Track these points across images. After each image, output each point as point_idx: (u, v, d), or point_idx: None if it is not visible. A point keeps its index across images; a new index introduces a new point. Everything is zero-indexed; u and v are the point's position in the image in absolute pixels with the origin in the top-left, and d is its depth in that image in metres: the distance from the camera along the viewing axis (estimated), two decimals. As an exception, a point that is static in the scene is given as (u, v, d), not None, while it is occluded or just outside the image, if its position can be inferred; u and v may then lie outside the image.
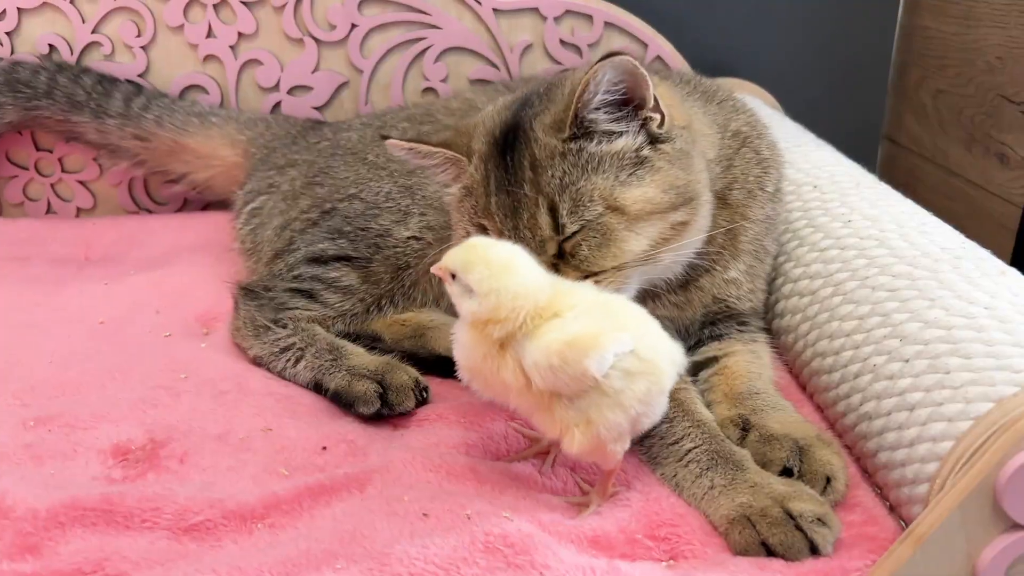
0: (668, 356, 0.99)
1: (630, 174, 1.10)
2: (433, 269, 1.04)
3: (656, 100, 1.12)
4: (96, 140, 1.79)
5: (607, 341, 0.94)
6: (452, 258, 1.01)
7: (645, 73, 1.08)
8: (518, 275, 0.99)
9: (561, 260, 1.10)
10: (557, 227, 1.09)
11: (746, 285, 1.28)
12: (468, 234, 1.14)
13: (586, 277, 1.09)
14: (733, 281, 1.26)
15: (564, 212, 1.08)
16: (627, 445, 1.00)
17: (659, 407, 1.00)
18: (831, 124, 1.92)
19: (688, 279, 1.22)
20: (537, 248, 1.08)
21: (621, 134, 1.11)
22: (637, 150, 1.11)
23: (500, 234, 1.10)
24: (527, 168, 1.10)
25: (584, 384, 0.94)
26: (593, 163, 1.10)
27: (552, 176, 1.09)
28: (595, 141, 1.10)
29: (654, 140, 1.12)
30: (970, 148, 1.96)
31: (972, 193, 1.96)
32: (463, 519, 0.97)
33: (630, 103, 1.11)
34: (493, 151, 1.14)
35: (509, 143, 1.12)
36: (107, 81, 1.78)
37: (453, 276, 1.01)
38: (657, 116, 1.12)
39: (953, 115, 2.02)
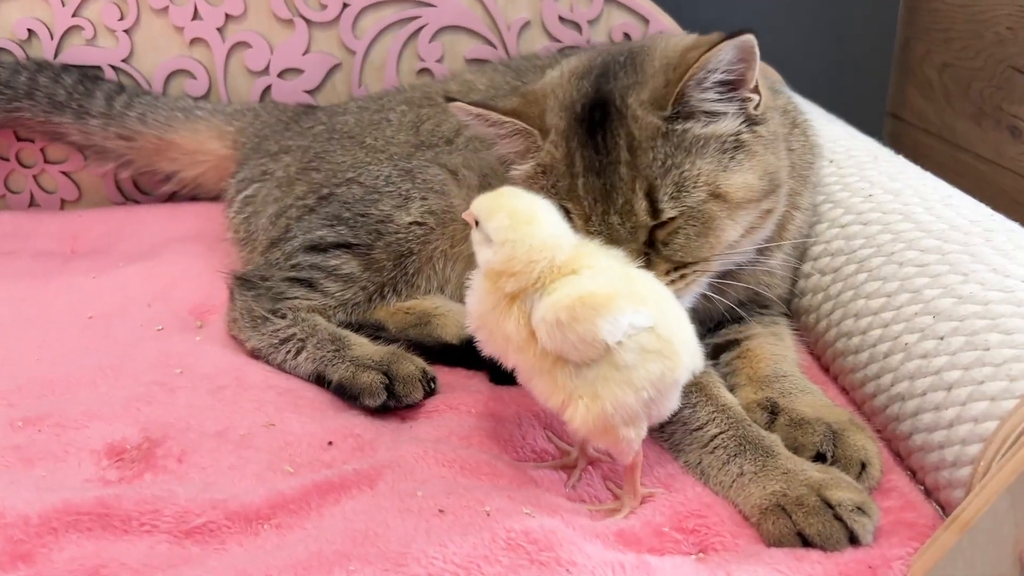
0: (688, 347, 0.94)
1: (731, 158, 1.06)
2: (464, 214, 1.01)
3: (756, 80, 1.07)
4: (80, 141, 1.72)
5: (624, 305, 0.89)
6: (479, 204, 0.98)
7: (758, 52, 1.04)
8: (538, 228, 0.95)
9: (652, 249, 1.05)
10: (654, 212, 1.03)
11: (780, 274, 1.23)
12: None
13: (675, 268, 1.04)
14: (770, 271, 1.21)
15: (664, 197, 1.03)
16: (642, 433, 0.94)
17: (672, 399, 0.95)
18: (835, 100, 1.87)
19: (728, 270, 1.15)
20: (627, 235, 1.04)
21: (724, 115, 1.07)
22: (737, 133, 1.07)
23: (587, 219, 1.05)
24: (623, 149, 1.04)
25: (593, 349, 0.89)
26: (698, 145, 1.05)
27: (653, 158, 1.04)
28: (700, 122, 1.05)
29: (751, 122, 1.08)
30: (979, 122, 1.92)
31: (982, 168, 1.91)
32: (482, 515, 0.92)
33: (736, 88, 1.06)
34: (577, 128, 1.07)
35: (597, 120, 1.06)
36: (89, 80, 1.70)
37: (477, 223, 0.98)
38: (756, 97, 1.08)
39: (960, 89, 1.98)
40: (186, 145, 1.69)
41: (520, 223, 0.94)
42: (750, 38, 1.02)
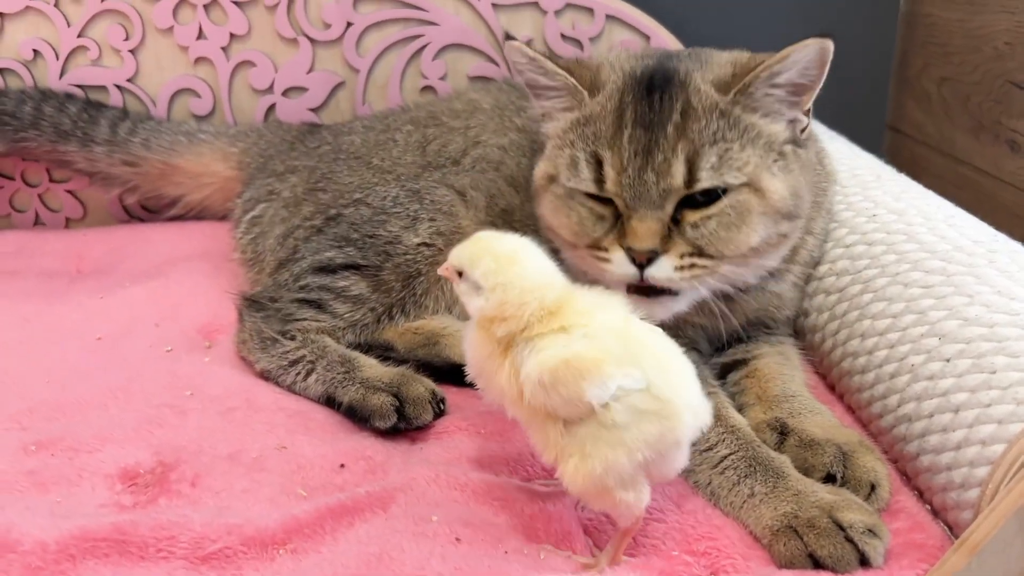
0: (691, 406, 0.89)
1: (774, 162, 1.07)
2: (440, 270, 0.99)
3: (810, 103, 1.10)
4: (86, 168, 1.73)
5: (612, 370, 0.86)
6: (458, 254, 0.96)
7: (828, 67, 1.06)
8: (524, 268, 0.93)
9: (676, 227, 1.05)
10: (690, 179, 1.04)
11: (788, 296, 1.24)
12: (572, 160, 1.10)
13: (691, 255, 1.05)
14: (779, 294, 1.23)
15: (706, 165, 1.04)
16: (644, 499, 0.89)
17: (677, 459, 0.90)
18: (834, 114, 1.88)
19: (738, 289, 1.16)
20: (657, 197, 1.04)
21: (780, 119, 1.08)
22: (783, 143, 1.08)
23: (622, 170, 1.05)
24: (676, 111, 1.06)
25: (579, 409, 0.87)
26: (751, 134, 1.06)
27: (705, 126, 1.05)
28: (757, 114, 1.07)
29: (795, 142, 1.10)
30: (978, 136, 1.94)
31: (981, 181, 1.93)
32: (501, 554, 0.93)
33: (800, 95, 1.08)
34: (635, 86, 1.10)
35: (657, 83, 1.09)
36: (93, 108, 1.71)
37: (460, 275, 0.96)
38: (805, 120, 1.10)
39: (959, 102, 1.99)
40: (191, 169, 1.70)
41: (506, 264, 0.93)
42: (830, 44, 1.04)
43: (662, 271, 1.05)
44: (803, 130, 1.11)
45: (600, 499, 0.90)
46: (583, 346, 0.88)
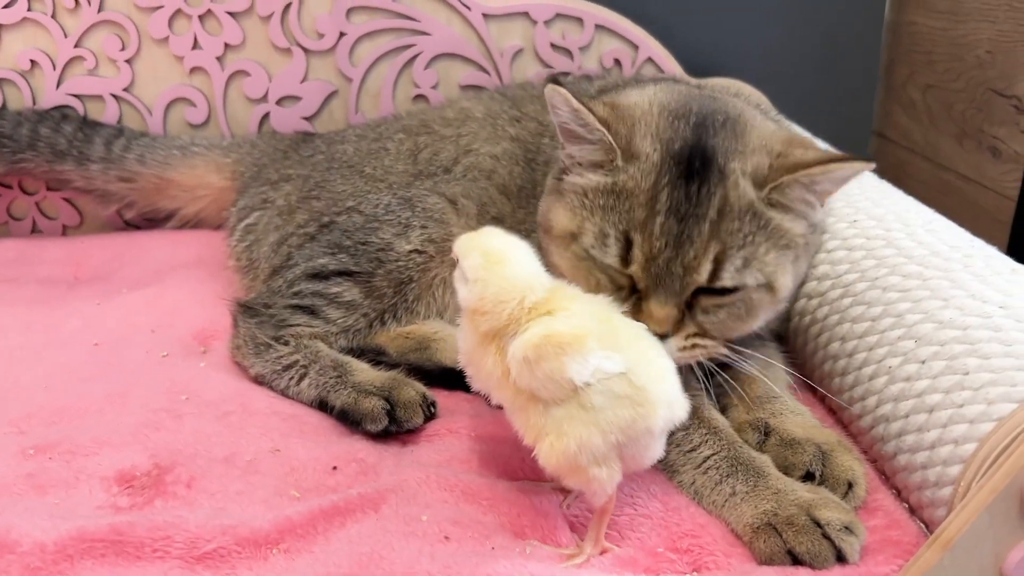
0: (666, 398, 0.93)
1: (787, 257, 1.08)
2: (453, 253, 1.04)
3: None
4: (83, 186, 1.75)
5: (593, 346, 0.90)
6: (458, 242, 1.02)
7: None
8: (509, 268, 0.97)
9: (687, 311, 1.07)
10: (713, 276, 1.05)
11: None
12: (601, 233, 1.08)
13: (697, 335, 1.07)
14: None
15: (731, 267, 1.05)
16: (616, 476, 0.93)
17: (650, 447, 0.94)
18: (821, 121, 1.91)
19: None
20: (679, 287, 1.05)
21: (803, 219, 1.10)
22: (800, 238, 1.09)
23: (650, 257, 1.05)
24: (714, 208, 1.05)
25: (561, 388, 0.90)
26: (776, 235, 1.07)
27: (738, 228, 1.05)
28: (785, 215, 1.08)
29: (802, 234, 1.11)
30: (961, 142, 1.97)
31: (964, 187, 1.96)
32: (488, 550, 0.95)
33: (825, 197, 1.10)
34: (673, 168, 1.07)
35: (696, 169, 1.06)
36: (88, 127, 1.74)
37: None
38: (821, 210, 1.12)
39: (943, 110, 2.03)
40: (185, 182, 1.73)
41: (491, 263, 0.96)
42: (871, 167, 1.05)
43: (669, 351, 1.04)
44: (814, 220, 1.13)
45: (574, 475, 0.93)
46: (566, 324, 0.92)
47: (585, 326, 0.92)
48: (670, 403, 0.93)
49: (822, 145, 1.63)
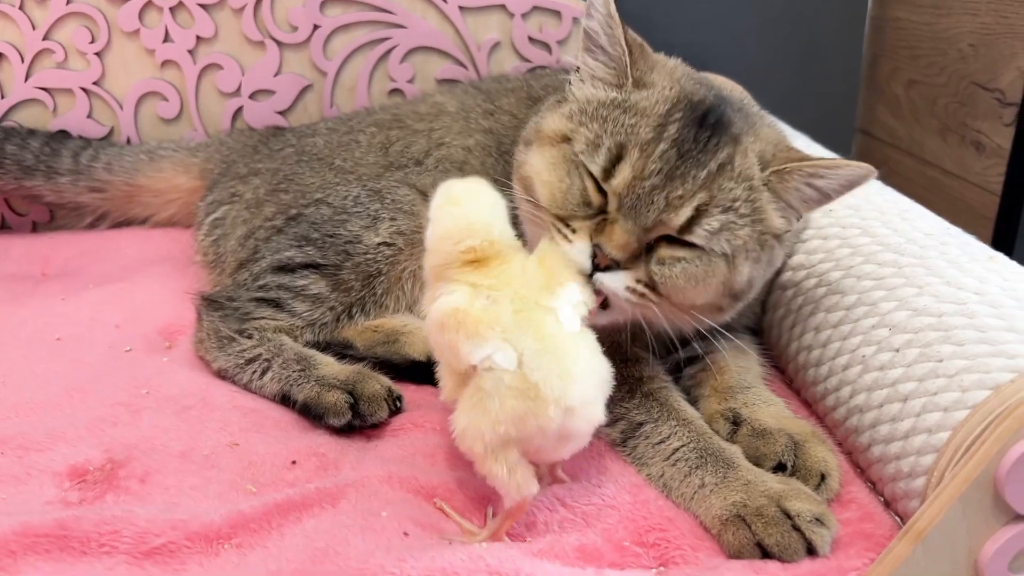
0: (560, 399, 0.89)
1: (754, 248, 1.05)
2: None
3: None
4: (54, 200, 1.72)
5: (489, 334, 0.90)
6: (444, 182, 1.04)
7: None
8: (459, 210, 0.98)
9: (645, 253, 1.03)
10: (686, 225, 1.01)
11: (750, 303, 1.23)
12: (596, 138, 1.05)
13: (646, 284, 1.03)
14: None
15: (707, 223, 1.02)
16: (519, 481, 0.91)
17: (545, 447, 0.92)
18: (805, 118, 1.89)
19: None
20: (649, 220, 1.01)
21: (786, 215, 1.07)
22: (772, 236, 1.06)
23: (637, 176, 1.01)
24: (717, 160, 1.03)
25: (458, 359, 0.91)
26: (757, 218, 1.04)
27: (730, 190, 1.03)
28: (774, 203, 1.06)
29: (778, 235, 1.09)
30: (945, 137, 1.95)
31: (949, 183, 1.94)
32: (446, 544, 0.92)
33: (816, 203, 1.07)
34: (688, 108, 1.06)
35: (711, 123, 1.05)
36: (55, 141, 1.71)
37: None
38: (796, 224, 1.09)
39: (927, 105, 2.01)
40: (155, 186, 1.70)
41: (447, 202, 0.99)
42: (875, 175, 1.02)
43: (614, 283, 1.01)
44: (787, 232, 1.10)
45: (480, 464, 0.93)
46: (478, 306, 0.92)
47: (495, 314, 0.91)
48: (567, 407, 0.89)
49: (805, 141, 1.62)
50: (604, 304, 1.04)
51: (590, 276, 1.02)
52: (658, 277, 1.03)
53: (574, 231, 1.04)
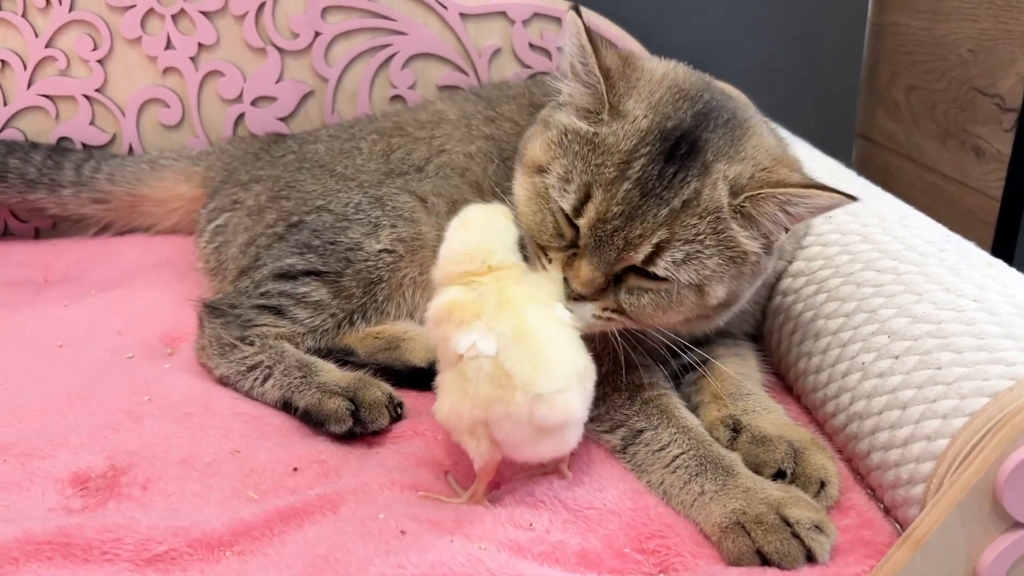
0: (528, 388, 0.93)
1: (729, 268, 1.03)
2: None
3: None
4: (58, 212, 1.73)
5: (473, 327, 0.96)
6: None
7: None
8: (465, 236, 1.05)
9: (613, 284, 1.04)
10: (649, 259, 1.01)
11: (749, 310, 1.24)
12: (566, 175, 1.05)
13: (615, 311, 1.04)
14: (739, 311, 1.19)
15: (669, 257, 1.00)
16: (485, 453, 0.98)
17: (511, 432, 0.95)
18: (804, 123, 1.89)
19: None
20: (612, 256, 1.01)
21: (762, 238, 1.04)
22: (749, 258, 1.04)
23: (600, 218, 1.01)
24: (680, 198, 1.01)
25: (448, 351, 0.98)
26: (726, 246, 1.02)
27: (693, 226, 1.01)
28: (745, 230, 1.03)
29: (764, 250, 1.06)
30: (945, 143, 1.95)
31: (949, 188, 1.94)
32: (446, 541, 0.92)
33: (794, 224, 1.05)
34: (658, 143, 1.03)
35: (680, 154, 1.03)
36: (58, 153, 1.72)
37: None
38: (783, 236, 1.07)
39: (926, 110, 2.01)
40: (157, 195, 1.71)
41: (458, 226, 1.06)
42: (852, 203, 1.00)
43: (582, 312, 1.03)
44: (775, 242, 1.07)
45: (455, 435, 1.01)
46: (469, 296, 1.00)
47: (482, 304, 0.98)
48: (534, 397, 0.93)
49: (805, 147, 1.63)
50: None
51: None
52: (627, 305, 1.04)
53: (550, 260, 1.08)
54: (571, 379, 0.95)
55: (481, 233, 1.05)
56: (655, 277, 1.02)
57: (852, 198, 0.99)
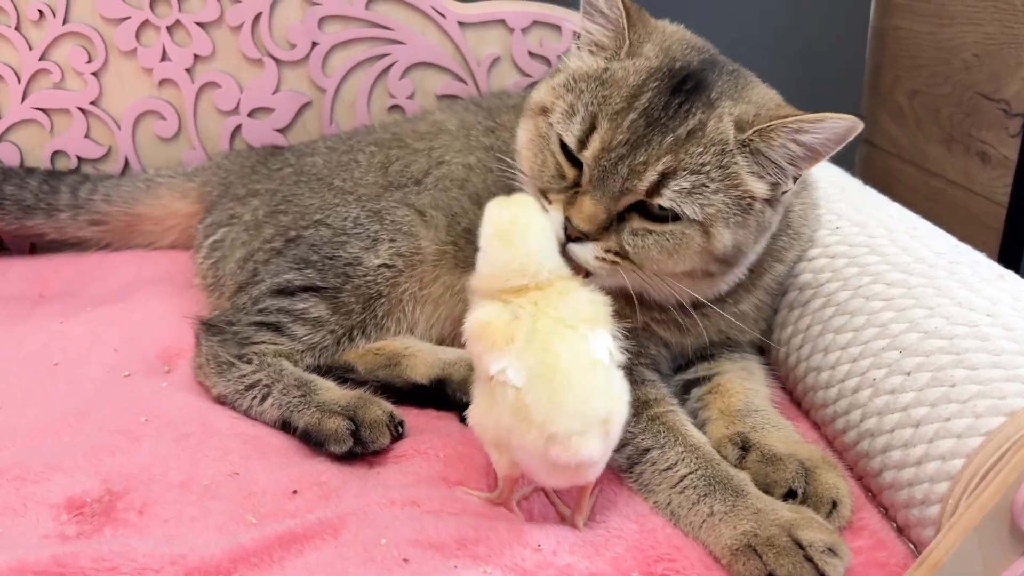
0: (544, 426, 0.90)
1: (735, 214, 1.03)
2: None
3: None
4: (57, 237, 1.71)
5: (507, 354, 0.93)
6: (492, 202, 1.03)
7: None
8: (505, 251, 0.98)
9: (617, 223, 1.04)
10: (653, 190, 1.01)
11: (751, 317, 1.22)
12: (571, 109, 1.06)
13: (617, 254, 1.03)
14: (742, 314, 1.19)
15: (674, 187, 1.01)
16: (506, 467, 0.98)
17: (530, 464, 0.95)
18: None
19: (697, 303, 1.12)
20: (616, 192, 1.02)
21: (769, 177, 1.04)
22: (756, 202, 1.04)
23: (605, 147, 1.02)
24: (686, 127, 1.02)
25: (481, 368, 0.97)
26: (731, 183, 1.03)
27: (699, 155, 1.02)
28: (752, 167, 1.03)
29: (769, 201, 1.07)
30: (950, 148, 1.93)
31: (953, 193, 1.92)
32: (449, 569, 0.90)
33: (805, 162, 1.04)
34: (666, 77, 1.06)
35: (686, 88, 1.05)
36: (53, 178, 1.70)
37: None
38: (791, 185, 1.07)
39: (930, 115, 1.99)
40: (153, 214, 1.68)
41: (493, 237, 0.99)
42: (861, 126, 0.99)
43: (583, 253, 1.04)
44: (784, 193, 1.07)
45: (484, 445, 1.01)
46: (503, 320, 0.96)
47: (516, 328, 0.95)
48: (552, 433, 0.90)
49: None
50: (587, 273, 1.06)
51: (564, 246, 1.04)
52: (630, 247, 1.04)
53: (550, 202, 1.07)
54: (590, 423, 0.91)
55: (526, 244, 0.98)
56: (660, 219, 1.02)
57: (862, 118, 0.99)
